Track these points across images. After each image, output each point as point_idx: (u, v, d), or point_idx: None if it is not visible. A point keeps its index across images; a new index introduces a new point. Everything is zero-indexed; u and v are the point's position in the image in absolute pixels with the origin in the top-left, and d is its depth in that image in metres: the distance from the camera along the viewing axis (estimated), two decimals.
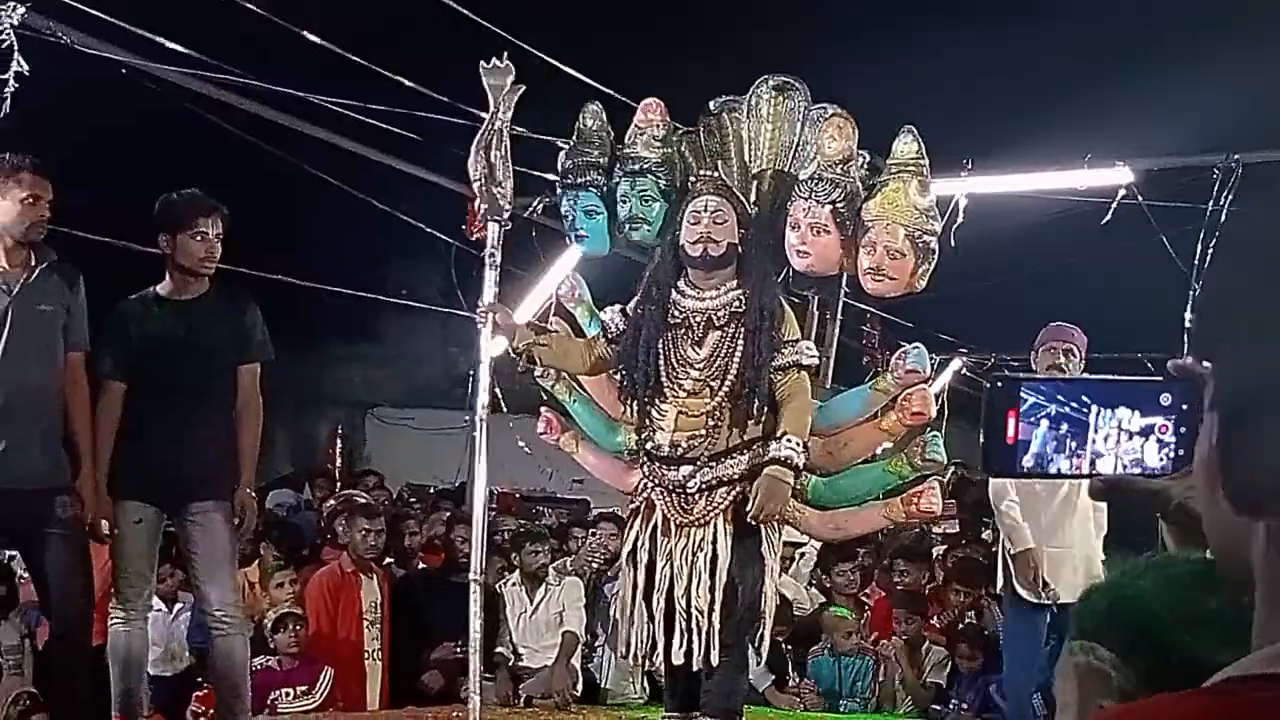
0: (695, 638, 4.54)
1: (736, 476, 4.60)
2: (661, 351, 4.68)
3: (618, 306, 4.91)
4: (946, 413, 5.10)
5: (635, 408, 4.77)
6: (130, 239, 8.06)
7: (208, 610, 5.22)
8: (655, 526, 4.68)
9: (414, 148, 9.26)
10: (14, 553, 6.32)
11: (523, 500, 13.64)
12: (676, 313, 4.72)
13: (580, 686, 7.25)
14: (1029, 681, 6.59)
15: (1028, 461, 1.24)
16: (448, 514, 9.10)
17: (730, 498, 4.60)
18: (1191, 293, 9.05)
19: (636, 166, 4.95)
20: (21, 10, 6.22)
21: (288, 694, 6.46)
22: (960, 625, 8.46)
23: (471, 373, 10.60)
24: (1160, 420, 1.21)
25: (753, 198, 5.00)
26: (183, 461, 5.13)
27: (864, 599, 8.59)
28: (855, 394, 4.99)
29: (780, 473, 4.46)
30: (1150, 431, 1.22)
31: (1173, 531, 1.30)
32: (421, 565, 8.28)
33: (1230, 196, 8.59)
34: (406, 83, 8.56)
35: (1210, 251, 8.79)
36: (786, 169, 5.05)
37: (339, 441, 14.58)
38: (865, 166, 4.93)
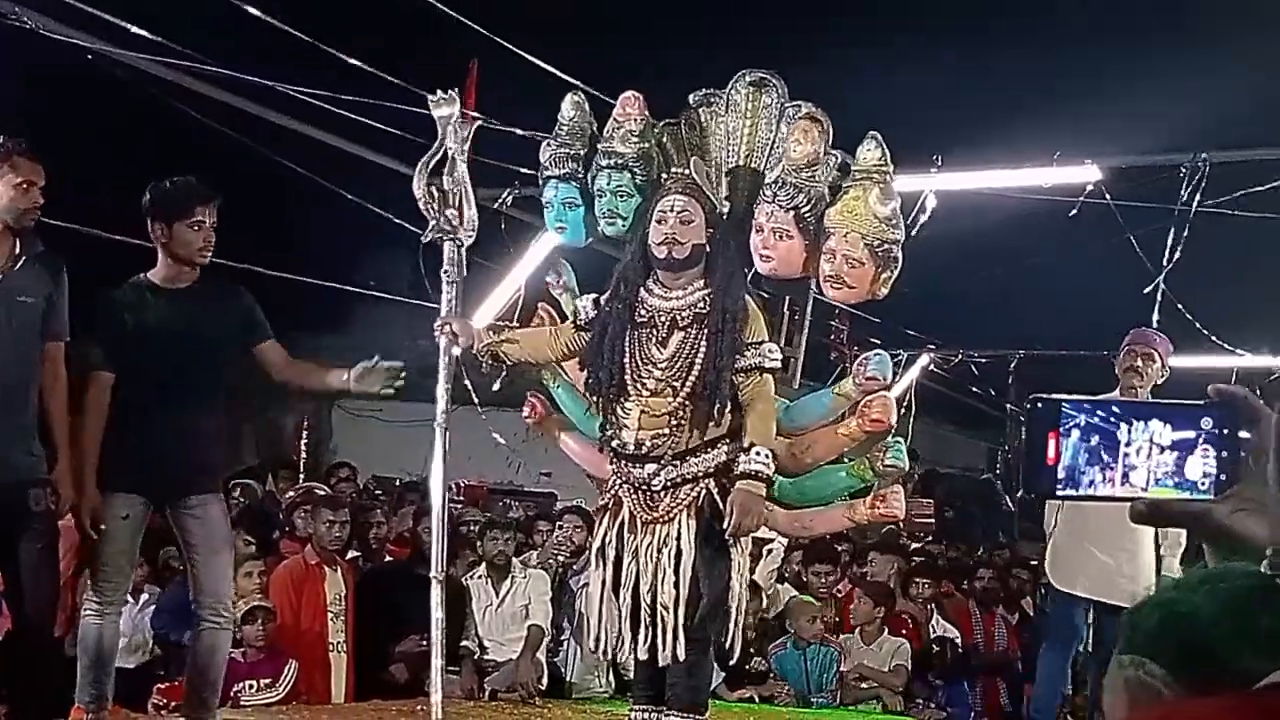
0: (660, 633, 4.54)
1: (700, 474, 4.60)
2: (626, 350, 4.66)
3: (592, 296, 4.88)
4: (914, 409, 5.09)
5: (599, 405, 4.76)
6: (97, 226, 7.99)
7: (202, 601, 5.12)
8: (622, 524, 4.68)
9: (384, 139, 9.23)
10: None
11: (490, 493, 13.61)
12: (643, 311, 4.69)
13: (546, 680, 7.24)
14: (1054, 679, 6.65)
15: (1060, 474, 1.24)
16: (414, 507, 9.05)
17: (694, 494, 4.59)
18: (1160, 290, 9.12)
19: (612, 162, 4.89)
20: None
21: (251, 686, 6.41)
22: (929, 621, 8.52)
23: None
24: (1195, 437, 1.21)
25: (724, 193, 4.96)
26: (181, 453, 5.04)
27: (836, 594, 8.60)
28: (818, 397, 4.99)
29: (753, 486, 4.46)
30: (1184, 446, 1.23)
31: (1214, 553, 1.30)
32: (388, 558, 8.24)
33: (1197, 195, 8.65)
34: (379, 74, 8.53)
35: (1178, 249, 8.86)
36: (761, 168, 5.00)
37: (305, 434, 14.52)
38: (838, 168, 4.86)
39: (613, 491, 4.75)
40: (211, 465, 5.22)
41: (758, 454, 4.47)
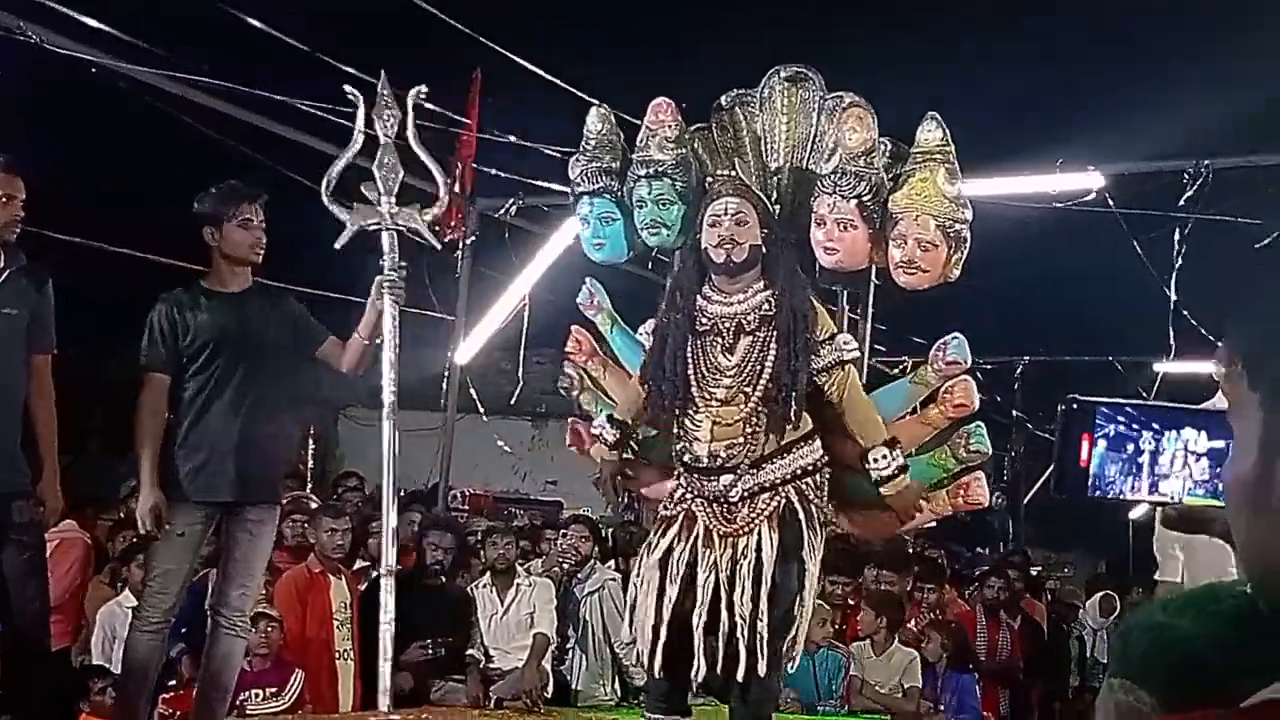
0: (742, 648, 4.37)
1: (778, 481, 4.46)
2: (690, 361, 4.51)
3: (651, 323, 4.74)
4: None
5: (665, 420, 4.61)
6: (97, 238, 8.02)
7: (223, 610, 5.14)
8: (696, 538, 4.50)
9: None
10: None
11: (495, 501, 13.62)
12: (704, 319, 4.54)
13: (551, 688, 7.24)
14: None
15: (1090, 478, 1.24)
16: (419, 516, 9.05)
17: (774, 503, 4.45)
18: (1171, 298, 9.12)
19: (651, 170, 4.75)
20: None
21: (257, 695, 6.42)
22: (935, 621, 8.49)
23: (447, 375, 10.64)
24: (1228, 445, 1.21)
25: (773, 195, 4.83)
26: (239, 460, 5.04)
27: (850, 602, 8.53)
28: (896, 388, 4.85)
29: (897, 486, 4.42)
30: (1218, 456, 1.23)
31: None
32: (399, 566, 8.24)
33: (1200, 201, 8.65)
34: (375, 82, 8.54)
35: (1182, 255, 8.84)
36: (805, 163, 4.87)
37: (310, 443, 14.53)
38: (888, 154, 4.75)
39: (684, 506, 4.57)
40: (272, 473, 5.21)
41: (881, 458, 4.40)
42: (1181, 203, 8.69)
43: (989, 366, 16.17)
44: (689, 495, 4.56)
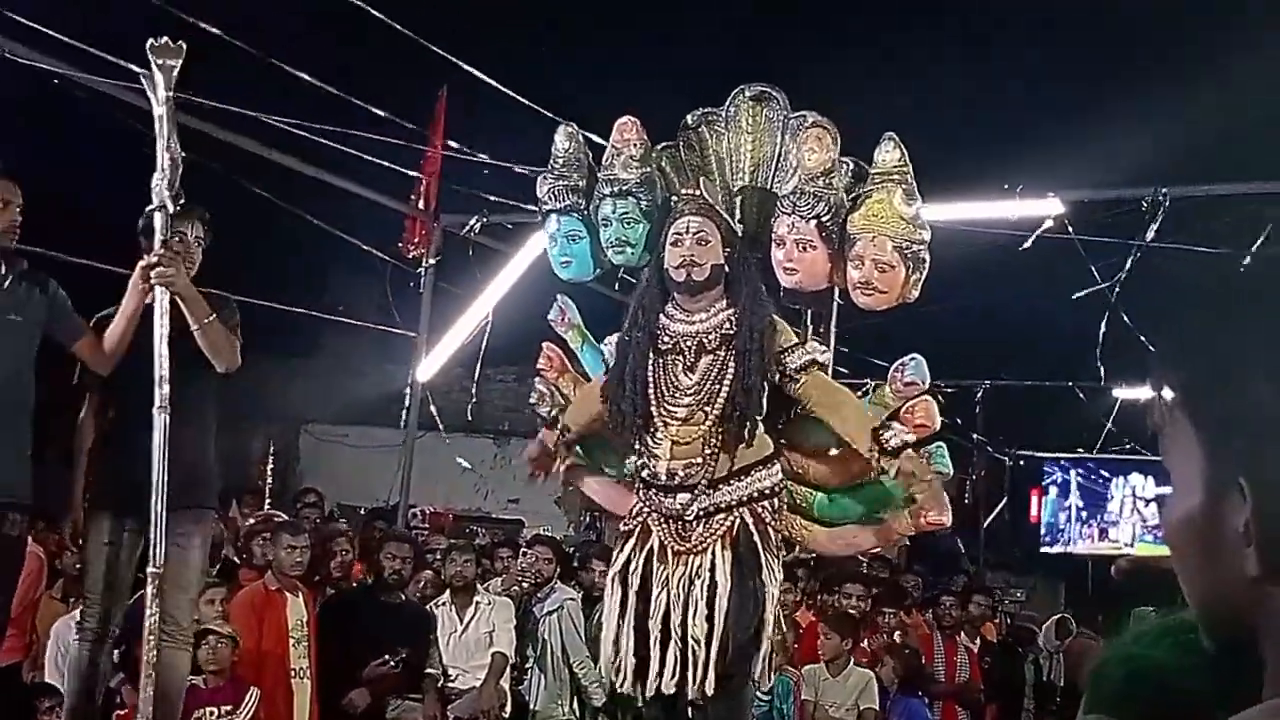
0: (691, 667, 4.39)
1: (734, 503, 4.48)
2: (650, 379, 4.54)
3: (614, 339, 4.77)
4: None
5: (624, 437, 4.64)
6: (61, 250, 7.96)
7: (161, 623, 5.12)
8: (651, 552, 4.53)
9: (351, 164, 9.23)
10: None
11: (456, 520, 13.58)
12: (666, 338, 4.57)
13: (509, 707, 7.22)
14: None
15: (1042, 531, 1.23)
16: (379, 532, 9.01)
17: (727, 524, 4.46)
18: (1116, 324, 9.20)
19: (616, 189, 4.76)
20: None
21: (212, 713, 6.36)
22: (889, 645, 8.50)
23: (409, 392, 10.63)
24: None
25: (737, 214, 4.84)
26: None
27: (797, 619, 8.56)
28: None
29: (901, 462, 4.37)
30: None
31: None
32: (355, 583, 8.19)
33: (1156, 228, 8.74)
34: (350, 99, 8.55)
35: (1127, 281, 8.92)
36: (769, 182, 4.89)
37: (271, 459, 14.45)
38: (849, 174, 4.75)
39: (640, 520, 4.59)
40: (196, 481, 5.18)
41: (891, 434, 4.37)
42: (1150, 236, 8.76)
43: (951, 390, 16.27)
44: (646, 510, 4.58)
